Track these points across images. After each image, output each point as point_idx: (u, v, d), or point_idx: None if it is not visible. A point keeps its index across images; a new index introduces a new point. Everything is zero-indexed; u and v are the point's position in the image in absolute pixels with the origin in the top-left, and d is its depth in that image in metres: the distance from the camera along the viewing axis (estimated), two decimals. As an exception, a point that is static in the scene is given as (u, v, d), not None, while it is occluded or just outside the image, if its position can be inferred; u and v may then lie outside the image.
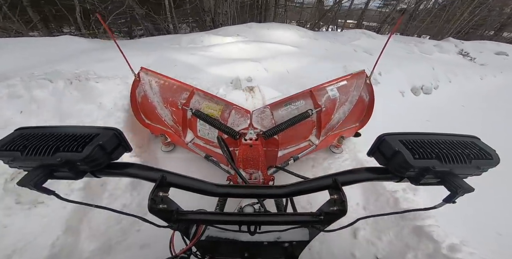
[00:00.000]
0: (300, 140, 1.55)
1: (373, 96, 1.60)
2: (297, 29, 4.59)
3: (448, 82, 3.99)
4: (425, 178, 0.47)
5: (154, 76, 1.51)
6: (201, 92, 1.43)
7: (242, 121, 1.28)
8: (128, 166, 0.54)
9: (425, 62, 4.15)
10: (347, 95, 1.50)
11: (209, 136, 1.47)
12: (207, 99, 1.43)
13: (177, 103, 1.42)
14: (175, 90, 1.46)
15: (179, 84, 1.46)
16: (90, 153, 0.44)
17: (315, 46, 4.04)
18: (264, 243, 0.67)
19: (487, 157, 0.46)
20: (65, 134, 0.48)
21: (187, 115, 1.45)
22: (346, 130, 1.73)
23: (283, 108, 1.39)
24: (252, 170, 0.97)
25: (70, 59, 2.28)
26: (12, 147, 0.44)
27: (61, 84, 1.74)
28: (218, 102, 1.40)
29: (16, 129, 0.50)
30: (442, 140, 0.50)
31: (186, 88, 1.44)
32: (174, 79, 1.49)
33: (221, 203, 1.02)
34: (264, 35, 4.18)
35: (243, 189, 0.55)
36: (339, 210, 0.49)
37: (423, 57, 4.87)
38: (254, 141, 1.02)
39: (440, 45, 5.83)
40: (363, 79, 1.52)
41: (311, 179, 0.57)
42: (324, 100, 1.43)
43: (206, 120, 1.27)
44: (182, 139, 1.48)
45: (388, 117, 2.49)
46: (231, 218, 0.53)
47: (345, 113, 1.50)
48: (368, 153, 0.55)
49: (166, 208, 0.49)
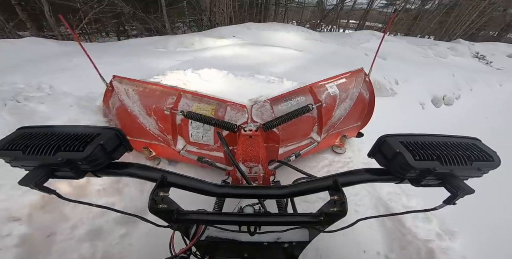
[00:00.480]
0: (301, 136, 1.54)
1: (373, 95, 1.60)
2: (301, 30, 4.36)
3: (469, 90, 3.59)
4: (425, 180, 0.47)
5: (130, 84, 1.37)
6: (189, 94, 1.32)
7: (239, 116, 1.24)
8: (128, 166, 0.54)
9: (444, 68, 3.79)
10: (347, 92, 1.50)
11: (204, 139, 1.39)
12: (197, 101, 1.33)
13: (163, 110, 1.30)
14: (159, 96, 1.34)
15: (163, 88, 1.35)
16: (91, 152, 0.44)
17: (322, 49, 3.76)
18: (264, 244, 0.67)
19: (488, 158, 0.46)
20: (67, 133, 0.48)
21: (176, 120, 1.34)
22: (348, 129, 1.72)
23: (283, 103, 1.36)
24: (252, 163, 0.96)
25: (23, 68, 1.90)
26: (14, 146, 0.45)
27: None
28: (210, 101, 1.32)
29: (18, 128, 0.50)
30: (443, 141, 0.50)
31: (171, 92, 1.33)
32: (156, 84, 1.37)
33: (220, 202, 1.02)
34: (263, 37, 3.95)
35: (243, 189, 0.56)
36: (339, 211, 0.49)
37: (440, 61, 4.56)
38: (254, 131, 1.00)
39: (454, 47, 5.69)
40: (362, 77, 1.52)
41: (312, 179, 0.57)
42: (324, 97, 1.42)
43: (201, 119, 1.20)
44: (172, 148, 1.39)
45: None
46: (232, 218, 0.54)
47: (346, 110, 1.48)
48: (369, 154, 0.55)
49: (166, 208, 0.50)
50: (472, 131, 2.63)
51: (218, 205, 1.01)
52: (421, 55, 4.69)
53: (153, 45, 3.25)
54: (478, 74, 4.13)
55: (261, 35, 3.95)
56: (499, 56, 5.75)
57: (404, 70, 3.16)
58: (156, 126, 1.38)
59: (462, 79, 3.66)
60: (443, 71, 3.68)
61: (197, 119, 1.20)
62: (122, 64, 2.16)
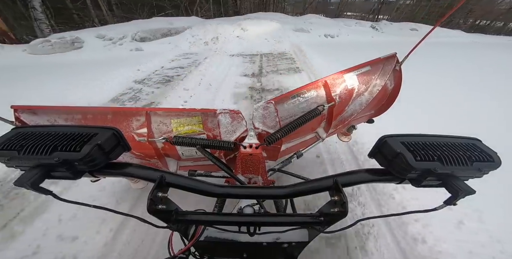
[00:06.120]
0: (306, 132, 1.38)
1: (399, 87, 1.33)
2: (285, 16, 10.25)
3: (347, 35, 8.95)
4: (426, 180, 0.47)
5: (56, 112, 0.99)
6: (160, 111, 1.04)
7: (236, 125, 1.04)
8: (126, 166, 0.53)
9: (338, 28, 9.39)
10: (368, 85, 1.28)
11: (199, 154, 1.15)
12: (174, 116, 1.06)
13: (132, 138, 1.01)
14: (115, 121, 1.03)
15: (117, 110, 1.04)
16: (88, 152, 0.43)
17: (291, 23, 9.43)
18: (263, 244, 0.67)
19: (489, 159, 0.46)
20: (63, 133, 0.47)
21: (157, 145, 1.11)
22: (359, 119, 1.49)
23: (290, 101, 1.17)
24: (252, 175, 0.95)
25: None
26: (9, 146, 0.44)
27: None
28: (191, 114, 1.05)
29: (13, 128, 0.49)
30: (443, 142, 0.50)
31: (133, 113, 1.02)
32: (100, 108, 1.02)
33: (220, 204, 1.02)
34: (270, 17, 9.12)
35: (243, 189, 0.55)
36: (339, 211, 0.49)
37: (342, 27, 9.75)
38: (254, 149, 0.90)
39: (360, 23, 10.55)
40: (391, 65, 1.27)
41: (312, 180, 0.57)
42: (339, 91, 1.22)
43: (195, 144, 0.96)
44: (163, 169, 1.12)
45: (315, 45, 6.94)
46: (231, 218, 0.53)
47: (362, 105, 1.27)
48: (369, 154, 0.54)
49: (165, 208, 0.49)
50: (340, 47, 7.07)
51: (219, 205, 1.01)
52: (337, 26, 9.65)
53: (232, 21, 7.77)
54: (362, 32, 9.47)
55: (268, 16, 9.83)
56: (404, 29, 10.39)
57: (318, 28, 9.01)
58: (131, 156, 1.13)
59: (344, 31, 9.16)
60: (336, 28, 9.23)
61: (187, 144, 0.95)
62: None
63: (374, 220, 1.55)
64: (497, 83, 4.16)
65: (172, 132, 1.05)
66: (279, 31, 7.67)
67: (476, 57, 6.22)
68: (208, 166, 1.31)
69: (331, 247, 1.41)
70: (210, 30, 7.07)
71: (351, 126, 1.62)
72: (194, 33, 6.98)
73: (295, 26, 8.51)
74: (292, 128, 1.01)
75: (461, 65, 5.35)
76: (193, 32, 7.02)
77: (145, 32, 6.78)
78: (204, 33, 6.98)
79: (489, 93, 3.67)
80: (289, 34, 7.86)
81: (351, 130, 1.65)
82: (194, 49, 6.46)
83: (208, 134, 1.06)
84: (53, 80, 3.78)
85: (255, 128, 1.06)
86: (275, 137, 0.96)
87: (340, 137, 1.78)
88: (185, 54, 5.96)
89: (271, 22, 7.90)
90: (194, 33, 6.98)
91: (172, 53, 5.95)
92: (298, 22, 9.08)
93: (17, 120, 0.96)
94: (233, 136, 1.00)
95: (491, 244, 1.35)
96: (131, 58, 5.22)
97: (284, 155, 1.40)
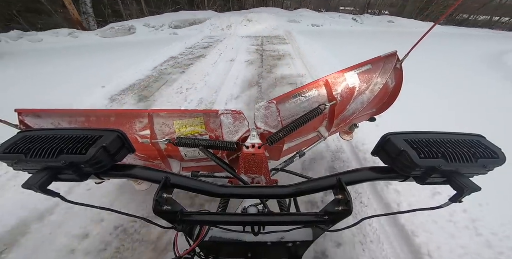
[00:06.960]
0: (308, 131, 1.39)
1: (400, 85, 1.36)
2: (281, 10, 10.91)
3: (329, 25, 10.78)
4: (430, 177, 0.47)
5: (59, 115, 1.00)
6: (162, 112, 1.06)
7: (238, 125, 1.06)
8: (131, 168, 0.53)
9: (324, 19, 11.12)
10: (369, 83, 1.29)
11: (201, 155, 1.19)
12: (176, 118, 1.08)
13: (135, 139, 1.03)
14: (118, 123, 1.05)
15: (119, 112, 1.06)
16: (93, 155, 0.43)
17: (285, 15, 10.99)
18: (268, 243, 0.67)
19: (493, 155, 0.45)
20: (68, 136, 0.48)
21: (160, 146, 1.13)
22: (360, 117, 1.51)
23: (291, 100, 1.18)
24: (255, 175, 0.95)
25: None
26: (16, 149, 0.44)
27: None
28: (193, 114, 1.08)
29: (19, 132, 0.50)
30: (447, 139, 0.50)
31: (136, 115, 1.04)
32: (102, 111, 1.03)
33: (223, 204, 1.02)
34: (273, 10, 10.84)
35: (246, 189, 0.55)
36: (344, 210, 0.49)
37: (327, 18, 11.29)
38: (256, 148, 0.91)
39: (344, 15, 12.04)
40: (392, 63, 1.29)
41: (315, 178, 0.56)
42: (340, 90, 1.23)
43: (197, 145, 0.98)
44: (166, 170, 1.12)
45: (302, 31, 9.04)
46: (235, 218, 0.53)
47: (363, 104, 1.29)
48: (373, 152, 0.54)
49: (170, 209, 0.49)
50: (324, 34, 8.89)
51: (223, 205, 1.01)
52: (323, 18, 11.30)
53: (240, 14, 9.63)
54: (343, 23, 11.17)
55: (268, 10, 11.78)
56: (382, 22, 11.58)
57: (307, 19, 10.89)
58: (134, 158, 1.15)
59: (328, 23, 10.93)
60: (321, 19, 11.05)
61: (189, 145, 0.97)
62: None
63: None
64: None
65: (174, 133, 1.07)
66: (275, 21, 10.04)
67: (433, 43, 7.55)
68: (210, 167, 1.32)
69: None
70: (224, 20, 9.73)
71: (352, 125, 1.63)
72: (212, 23, 9.58)
73: (289, 18, 10.75)
74: (294, 127, 1.01)
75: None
76: (212, 21, 9.61)
77: (177, 21, 9.45)
78: (220, 22, 9.61)
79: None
80: (283, 24, 10.13)
81: (352, 128, 1.66)
82: (214, 33, 9.08)
83: (210, 135, 1.07)
84: (134, 50, 5.99)
85: (257, 128, 1.06)
86: (277, 137, 0.97)
87: (342, 135, 1.80)
88: (209, 37, 8.47)
89: (269, 15, 10.33)
90: (213, 22, 9.60)
91: (200, 35, 8.49)
92: (291, 15, 11.28)
93: (21, 123, 0.98)
94: (235, 136, 1.01)
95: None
96: (172, 39, 7.58)
97: (286, 154, 1.41)
